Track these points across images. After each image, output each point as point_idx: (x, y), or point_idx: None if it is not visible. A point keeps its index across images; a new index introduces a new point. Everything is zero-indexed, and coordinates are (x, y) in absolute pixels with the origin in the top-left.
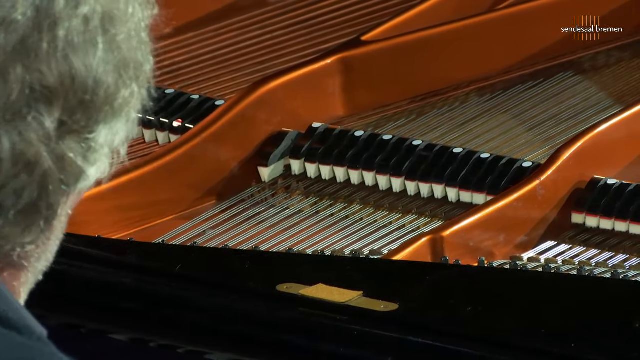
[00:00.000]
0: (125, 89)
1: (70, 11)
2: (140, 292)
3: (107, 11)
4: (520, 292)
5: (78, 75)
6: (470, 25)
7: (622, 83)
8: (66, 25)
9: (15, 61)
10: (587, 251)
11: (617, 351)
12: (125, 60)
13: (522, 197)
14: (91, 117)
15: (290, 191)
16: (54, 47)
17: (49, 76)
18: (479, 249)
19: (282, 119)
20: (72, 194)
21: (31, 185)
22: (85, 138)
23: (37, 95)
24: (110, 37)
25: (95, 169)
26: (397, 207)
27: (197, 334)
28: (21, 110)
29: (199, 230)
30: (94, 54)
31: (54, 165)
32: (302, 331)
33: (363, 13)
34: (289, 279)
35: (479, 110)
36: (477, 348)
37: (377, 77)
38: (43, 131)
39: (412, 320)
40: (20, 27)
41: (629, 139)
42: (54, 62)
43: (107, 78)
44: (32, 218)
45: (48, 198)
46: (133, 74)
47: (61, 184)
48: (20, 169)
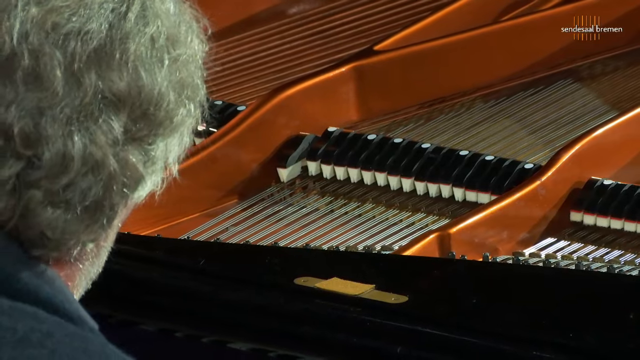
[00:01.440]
0: (183, 108)
1: (140, 29)
2: (167, 284)
3: (171, 34)
4: (522, 286)
5: (144, 87)
6: (475, 36)
7: (618, 90)
8: (136, 40)
9: (89, 68)
10: (584, 247)
11: (613, 341)
12: (184, 81)
13: (524, 196)
14: (152, 129)
15: (307, 191)
16: (125, 59)
17: (119, 84)
18: (483, 245)
19: (300, 123)
20: (129, 200)
21: (97, 184)
22: (146, 149)
23: (107, 102)
24: (174, 58)
25: (151, 181)
26: (407, 206)
27: (219, 324)
28: (93, 113)
29: (222, 227)
30: (159, 70)
31: (118, 168)
32: (318, 322)
33: (375, 24)
34: (306, 272)
35: (484, 115)
36: (482, 338)
37: (389, 84)
38: (111, 135)
39: (421, 312)
40: (94, 38)
41: (624, 142)
42: (125, 72)
43: (169, 94)
44: (95, 216)
45: (111, 199)
46: (190, 95)
47: (123, 187)
48: (88, 168)
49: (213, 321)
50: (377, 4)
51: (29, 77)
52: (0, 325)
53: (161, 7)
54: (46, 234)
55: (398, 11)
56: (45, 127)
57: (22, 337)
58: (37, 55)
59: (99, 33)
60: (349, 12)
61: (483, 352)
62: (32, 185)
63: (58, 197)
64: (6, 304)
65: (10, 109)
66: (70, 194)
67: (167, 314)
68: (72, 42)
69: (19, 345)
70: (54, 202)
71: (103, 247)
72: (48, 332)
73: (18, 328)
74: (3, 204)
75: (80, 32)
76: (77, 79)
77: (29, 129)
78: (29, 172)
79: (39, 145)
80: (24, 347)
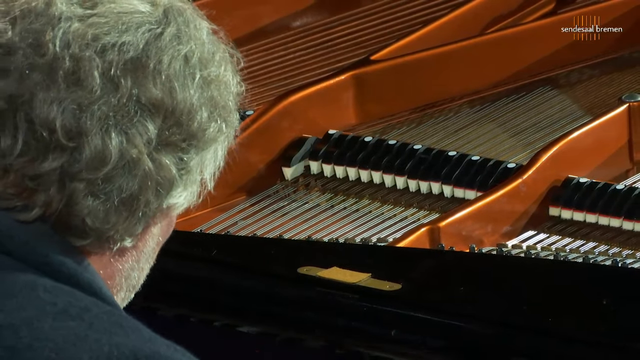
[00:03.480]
0: (215, 123)
1: (174, 46)
2: (181, 274)
3: (203, 57)
4: (506, 275)
5: (177, 98)
6: (463, 47)
7: (592, 97)
8: (170, 55)
9: (126, 74)
10: (562, 239)
11: (588, 325)
12: (215, 100)
13: (507, 193)
14: (186, 138)
15: (309, 188)
16: (159, 69)
17: (153, 92)
18: (470, 237)
19: (303, 126)
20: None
21: (132, 180)
22: (180, 156)
23: (142, 106)
24: (205, 77)
25: (187, 193)
26: (400, 202)
27: (230, 310)
28: (129, 114)
29: (232, 221)
30: (191, 84)
31: (153, 167)
32: (319, 307)
33: (372, 36)
34: (308, 262)
35: (470, 119)
36: (469, 322)
37: (384, 91)
38: (146, 136)
39: (413, 298)
40: (131, 50)
41: (597, 144)
42: (158, 82)
43: (200, 108)
44: (132, 209)
45: (146, 195)
46: (222, 114)
47: (157, 186)
48: (124, 163)
49: (224, 307)
50: (374, 17)
51: (69, 77)
52: (42, 299)
53: (195, 33)
54: (87, 222)
55: (393, 24)
56: (85, 122)
57: (61, 310)
58: (77, 59)
59: (136, 46)
60: (348, 25)
61: (470, 335)
62: (75, 176)
63: (97, 188)
64: (48, 283)
65: (52, 105)
66: (108, 186)
67: (182, 301)
68: (109, 51)
69: (59, 317)
70: (94, 192)
71: (143, 251)
72: (86, 307)
73: (58, 302)
74: (50, 194)
75: (117, 44)
76: (113, 82)
77: (70, 123)
78: (71, 164)
79: (80, 138)
80: (63, 319)
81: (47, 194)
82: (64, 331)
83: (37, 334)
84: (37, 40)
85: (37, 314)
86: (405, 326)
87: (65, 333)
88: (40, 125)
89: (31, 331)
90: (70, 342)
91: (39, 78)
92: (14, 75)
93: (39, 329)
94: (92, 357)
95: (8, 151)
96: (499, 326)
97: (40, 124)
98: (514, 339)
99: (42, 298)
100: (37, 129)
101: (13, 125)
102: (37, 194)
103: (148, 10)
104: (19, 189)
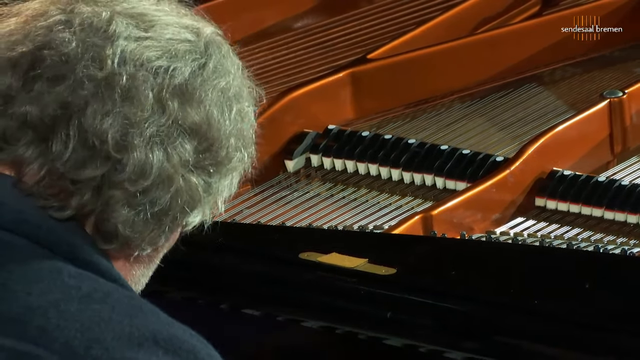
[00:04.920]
0: (239, 153)
1: (215, 78)
2: (189, 259)
3: (237, 91)
4: (494, 259)
5: (214, 125)
6: (453, 47)
7: (575, 93)
8: (212, 86)
9: (173, 98)
10: (547, 227)
11: (571, 306)
12: (242, 131)
13: (496, 184)
14: (214, 164)
15: (310, 179)
16: (202, 99)
17: (194, 118)
18: (461, 225)
19: (304, 121)
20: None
21: (166, 195)
22: (206, 180)
23: (183, 129)
24: (239, 109)
25: (202, 212)
26: (395, 192)
27: (235, 292)
28: (171, 135)
29: (237, 209)
30: (228, 115)
31: (184, 186)
32: (319, 290)
33: (368, 37)
34: (309, 248)
35: (461, 114)
36: (460, 305)
37: (380, 88)
38: (183, 157)
39: (408, 282)
40: (179, 76)
41: (580, 137)
42: (201, 110)
43: (231, 138)
44: (160, 223)
45: (174, 211)
46: (244, 145)
47: (185, 204)
48: (161, 180)
49: (229, 290)
50: (370, 19)
51: (124, 94)
52: (67, 284)
53: (231, 68)
54: (119, 229)
55: (387, 25)
56: (133, 137)
57: (86, 294)
58: (133, 77)
59: (183, 73)
60: (345, 26)
61: (461, 316)
62: (115, 185)
63: (135, 199)
64: (73, 270)
65: (106, 118)
66: (144, 198)
67: (190, 285)
68: (161, 74)
69: (83, 300)
70: (130, 203)
71: (153, 260)
72: (108, 292)
73: (82, 287)
74: (86, 198)
75: (169, 68)
76: (162, 104)
77: (119, 136)
78: (113, 173)
79: (126, 151)
80: (88, 302)
81: (82, 198)
82: (89, 313)
83: (64, 315)
84: (97, 54)
85: (63, 297)
86: (400, 308)
87: (90, 315)
88: (93, 134)
89: (59, 313)
90: (95, 323)
91: (94, 90)
92: (71, 83)
93: (66, 311)
94: (114, 337)
95: (57, 155)
96: (488, 307)
97: (92, 133)
98: (502, 319)
99: (67, 283)
100: (88, 137)
101: (66, 131)
102: (74, 197)
103: (194, 40)
104: (57, 190)
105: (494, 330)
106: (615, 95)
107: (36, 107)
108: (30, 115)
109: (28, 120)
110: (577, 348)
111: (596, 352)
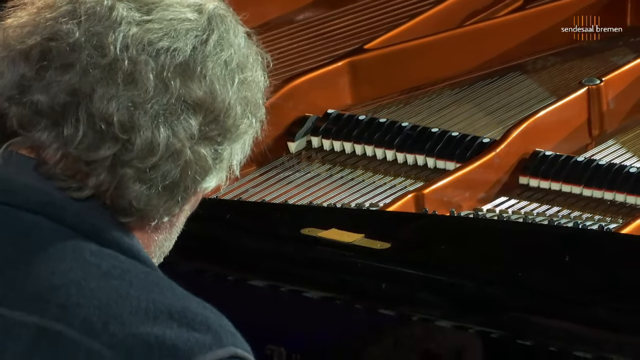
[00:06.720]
0: (246, 119)
1: (217, 52)
2: (199, 234)
3: (240, 61)
4: (481, 235)
5: (217, 98)
6: (444, 38)
7: (556, 81)
8: (214, 60)
9: (175, 77)
10: (530, 204)
11: (552, 278)
12: (249, 99)
13: (483, 164)
14: (221, 133)
15: (311, 160)
16: (204, 74)
17: (197, 93)
18: (450, 202)
19: (305, 106)
20: (199, 187)
21: (175, 169)
22: (215, 148)
23: (187, 105)
24: (242, 79)
25: (217, 177)
26: (389, 172)
27: (241, 265)
28: (176, 112)
29: (243, 189)
30: (230, 86)
31: (193, 158)
32: (319, 263)
33: (365, 28)
34: (310, 224)
35: (450, 100)
36: (450, 277)
37: (376, 76)
38: (189, 131)
39: (401, 256)
40: (180, 55)
41: (561, 122)
42: (203, 84)
43: (236, 107)
44: (172, 194)
45: (185, 182)
46: (252, 110)
47: (195, 174)
48: (170, 154)
49: (236, 263)
50: (367, 12)
51: (127, 78)
52: (89, 262)
53: (234, 40)
54: (133, 204)
55: (383, 18)
56: (138, 118)
57: (105, 271)
58: (134, 62)
59: (184, 52)
60: (344, 19)
61: (450, 287)
62: (126, 164)
63: (145, 175)
64: (94, 247)
65: (111, 101)
66: (154, 173)
67: (200, 257)
68: (162, 55)
69: (103, 277)
70: (141, 178)
71: (175, 225)
72: (127, 268)
73: (102, 265)
74: (102, 177)
75: (169, 49)
76: (165, 84)
77: (125, 118)
78: (123, 153)
79: (133, 131)
80: (108, 279)
81: (99, 177)
82: (107, 290)
83: (84, 293)
84: (100, 42)
85: (84, 275)
86: (394, 280)
87: (108, 291)
88: (100, 118)
89: (79, 290)
90: (113, 299)
91: (100, 76)
92: (78, 71)
93: (86, 288)
94: (131, 312)
95: (69, 140)
96: (475, 280)
97: (99, 117)
98: (488, 290)
99: (88, 261)
100: (96, 121)
101: (75, 117)
102: (90, 177)
103: (195, 18)
104: (74, 171)
105: (481, 300)
106: (593, 83)
107: (46, 96)
108: (41, 104)
109: (39, 109)
110: (557, 317)
111: (576, 320)
